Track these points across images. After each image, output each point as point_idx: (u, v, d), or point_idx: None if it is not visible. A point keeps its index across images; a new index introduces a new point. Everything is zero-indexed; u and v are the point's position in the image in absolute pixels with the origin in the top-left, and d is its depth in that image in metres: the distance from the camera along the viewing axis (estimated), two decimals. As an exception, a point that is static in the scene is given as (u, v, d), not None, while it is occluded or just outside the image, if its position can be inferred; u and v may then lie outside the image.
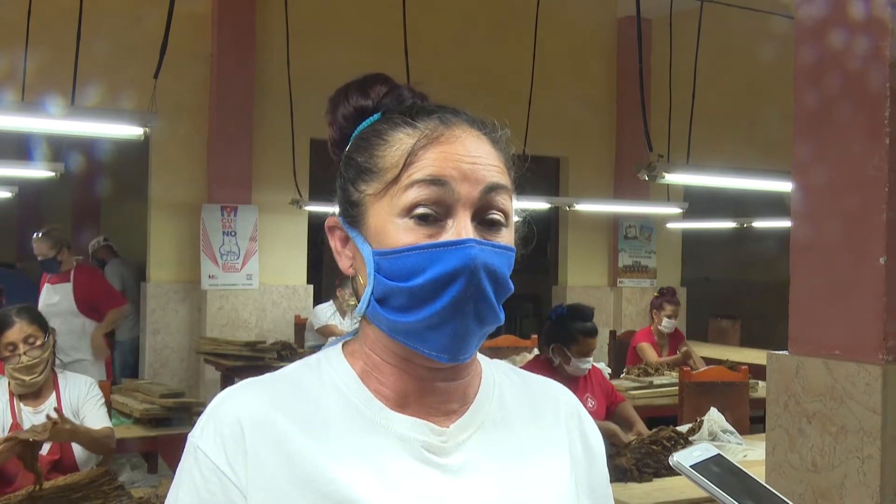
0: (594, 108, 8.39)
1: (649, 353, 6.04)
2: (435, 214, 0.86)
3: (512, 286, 0.89)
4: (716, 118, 7.39)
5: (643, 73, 4.93)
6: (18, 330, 3.09)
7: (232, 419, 0.89)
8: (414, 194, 0.86)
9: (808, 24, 2.37)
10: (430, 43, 6.95)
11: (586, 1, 8.15)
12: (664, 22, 6.00)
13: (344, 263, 0.94)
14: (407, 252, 0.86)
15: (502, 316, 0.89)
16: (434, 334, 0.86)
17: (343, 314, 6.47)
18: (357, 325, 0.98)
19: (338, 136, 0.97)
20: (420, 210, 0.86)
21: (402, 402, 0.92)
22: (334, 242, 0.96)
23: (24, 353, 3.08)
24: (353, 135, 0.95)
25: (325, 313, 6.54)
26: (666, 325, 6.06)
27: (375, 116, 0.94)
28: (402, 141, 0.89)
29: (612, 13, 8.47)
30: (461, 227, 0.86)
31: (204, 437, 0.90)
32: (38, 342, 3.12)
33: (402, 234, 0.86)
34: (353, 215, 0.92)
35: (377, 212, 0.89)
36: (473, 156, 0.89)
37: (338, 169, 0.96)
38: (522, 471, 0.93)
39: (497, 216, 0.89)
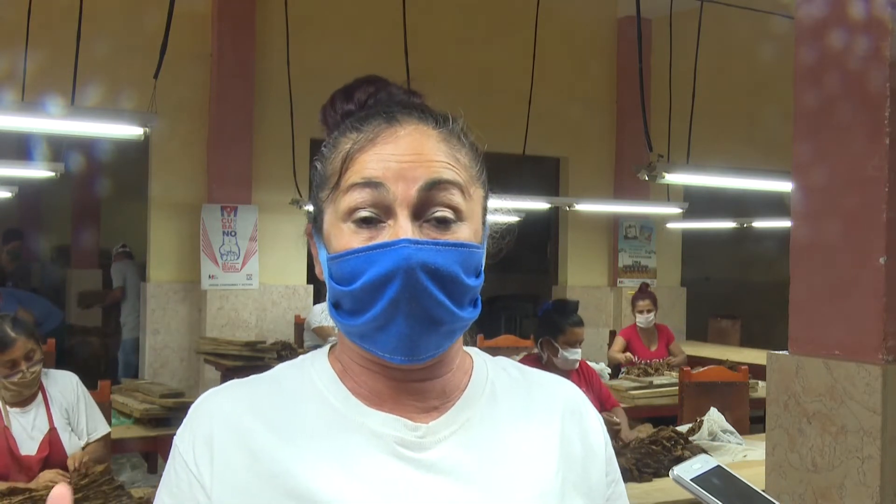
0: (594, 108, 8.39)
1: (616, 344, 6.17)
2: (375, 216, 0.87)
3: (471, 282, 0.88)
4: (716, 118, 7.39)
5: (643, 73, 4.93)
6: (21, 347, 3.05)
7: (205, 419, 0.92)
8: (351, 198, 0.87)
9: (808, 24, 2.37)
10: (430, 43, 6.95)
11: (586, 1, 8.15)
12: (664, 22, 6.00)
13: (318, 269, 0.96)
14: (346, 256, 0.87)
15: (466, 313, 0.88)
16: (382, 336, 0.86)
17: None
18: None
19: None
20: (359, 214, 0.87)
21: (377, 401, 0.92)
22: (312, 250, 0.97)
23: (27, 370, 3.05)
24: None
25: (321, 313, 6.50)
26: (640, 320, 6.09)
27: None
28: (344, 146, 0.90)
29: (612, 13, 8.47)
30: (399, 228, 0.86)
31: (181, 437, 0.93)
32: (37, 356, 3.10)
33: (346, 238, 0.87)
34: (317, 222, 0.94)
35: (328, 217, 0.91)
36: (412, 154, 0.88)
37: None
38: (502, 468, 0.92)
39: (444, 213, 0.87)
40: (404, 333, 0.85)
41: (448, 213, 0.88)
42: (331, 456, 0.88)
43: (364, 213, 0.87)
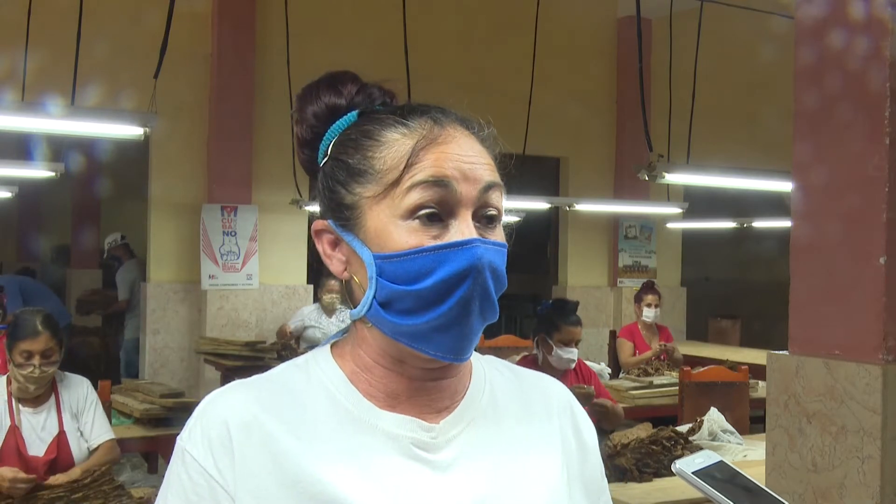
0: (594, 108, 8.39)
1: (624, 349, 6.07)
2: (438, 215, 0.87)
3: (506, 282, 0.90)
4: (716, 118, 7.39)
5: (643, 73, 4.92)
6: (42, 342, 3.06)
7: (219, 421, 0.89)
8: (417, 196, 0.86)
9: (808, 24, 2.37)
10: (430, 43, 6.94)
11: (586, 1, 8.15)
12: (664, 22, 6.00)
13: (337, 267, 0.93)
14: (413, 255, 0.85)
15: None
16: (440, 336, 0.86)
17: (330, 314, 6.41)
18: (344, 325, 0.98)
19: (308, 136, 0.96)
20: (425, 211, 0.86)
21: (391, 402, 0.92)
22: (322, 246, 0.94)
23: (39, 366, 3.06)
24: (328, 134, 0.94)
25: (305, 315, 6.46)
26: (647, 314, 6.05)
27: (351, 115, 0.93)
28: (398, 142, 0.89)
29: (612, 13, 8.47)
30: (464, 227, 0.86)
31: (192, 440, 0.90)
32: (55, 357, 3.11)
33: (406, 236, 0.86)
34: (347, 218, 0.90)
35: (376, 214, 0.88)
36: (470, 155, 0.89)
37: (319, 170, 0.94)
38: (513, 465, 0.93)
39: (493, 213, 0.90)
40: (464, 333, 0.86)
41: (496, 214, 0.90)
42: (350, 460, 0.88)
43: (429, 212, 0.86)
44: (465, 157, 0.89)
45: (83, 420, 3.25)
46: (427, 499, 0.87)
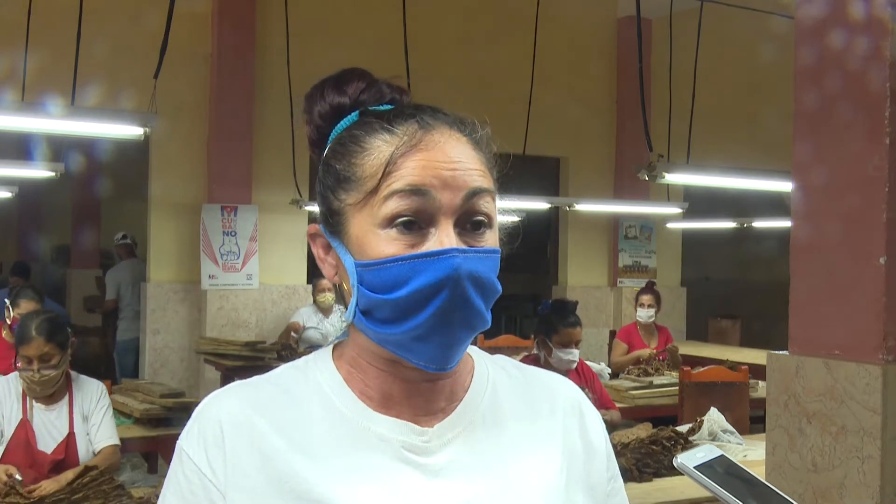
0: (594, 108, 8.39)
1: (616, 350, 6.08)
2: (417, 224, 0.85)
3: (499, 287, 0.88)
4: (716, 118, 7.39)
5: (643, 73, 4.93)
6: (36, 347, 3.08)
7: (214, 421, 0.90)
8: (394, 205, 0.85)
9: (808, 24, 2.37)
10: (430, 43, 6.94)
11: (586, 1, 8.15)
12: (664, 22, 6.00)
13: (328, 271, 0.94)
14: (389, 264, 0.84)
15: (489, 318, 0.88)
16: (421, 345, 0.86)
17: (327, 313, 6.42)
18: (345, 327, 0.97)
19: (315, 136, 0.95)
20: (402, 220, 0.85)
21: (386, 404, 0.91)
22: (317, 250, 0.95)
23: (38, 371, 3.08)
24: (331, 136, 0.93)
25: (303, 316, 6.48)
26: (641, 314, 6.05)
27: (353, 116, 0.92)
28: (379, 149, 0.87)
29: (612, 13, 8.47)
30: (443, 236, 0.85)
31: (188, 439, 0.91)
32: (54, 361, 3.12)
33: (384, 244, 0.85)
34: (334, 224, 0.90)
35: (358, 222, 0.87)
36: (454, 161, 0.87)
37: (317, 172, 0.95)
38: (509, 469, 0.92)
39: (480, 219, 0.88)
40: (446, 343, 0.85)
41: (484, 220, 0.88)
42: (339, 461, 0.88)
43: (406, 220, 0.85)
44: (447, 163, 0.86)
45: (91, 422, 3.27)
46: (411, 501, 0.87)
